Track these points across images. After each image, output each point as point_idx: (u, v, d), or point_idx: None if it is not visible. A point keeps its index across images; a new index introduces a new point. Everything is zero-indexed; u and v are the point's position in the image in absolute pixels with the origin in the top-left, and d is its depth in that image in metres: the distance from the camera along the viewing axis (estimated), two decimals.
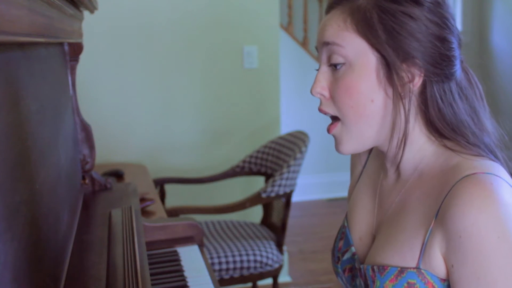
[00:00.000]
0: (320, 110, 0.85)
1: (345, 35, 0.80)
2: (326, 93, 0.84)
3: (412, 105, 0.81)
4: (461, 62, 0.84)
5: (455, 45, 0.81)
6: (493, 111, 0.88)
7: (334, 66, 0.82)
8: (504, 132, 0.86)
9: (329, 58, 0.83)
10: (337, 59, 0.81)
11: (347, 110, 0.81)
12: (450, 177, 0.77)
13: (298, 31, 4.48)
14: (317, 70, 0.86)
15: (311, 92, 0.85)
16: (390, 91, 0.80)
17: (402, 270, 0.79)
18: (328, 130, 0.85)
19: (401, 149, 0.82)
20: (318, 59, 0.87)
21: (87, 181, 1.51)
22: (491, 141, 0.83)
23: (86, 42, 1.55)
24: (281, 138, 2.53)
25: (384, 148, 0.86)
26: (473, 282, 0.72)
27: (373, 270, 0.83)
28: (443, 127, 0.81)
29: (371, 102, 0.80)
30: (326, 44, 0.82)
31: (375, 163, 0.98)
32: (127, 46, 2.61)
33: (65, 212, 1.06)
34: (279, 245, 2.26)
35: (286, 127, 3.55)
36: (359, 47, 0.79)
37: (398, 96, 0.79)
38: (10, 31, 0.57)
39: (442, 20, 0.80)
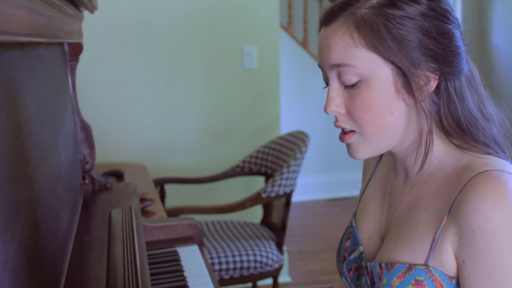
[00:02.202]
0: (336, 126, 0.83)
1: (354, 53, 0.77)
2: (342, 110, 0.81)
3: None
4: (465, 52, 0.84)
5: (459, 38, 0.80)
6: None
7: (349, 86, 0.79)
8: (505, 117, 0.86)
9: (339, 77, 0.80)
10: (351, 79, 0.78)
11: (366, 124, 0.79)
12: (463, 175, 0.77)
13: (298, 31, 4.48)
14: (326, 87, 0.83)
15: (325, 110, 0.81)
16: (408, 99, 0.78)
17: (410, 267, 0.79)
18: (342, 139, 0.83)
19: (427, 154, 0.81)
20: (323, 76, 0.83)
21: (87, 181, 1.51)
22: (497, 132, 0.83)
23: (86, 42, 1.55)
24: (281, 138, 2.53)
25: (402, 151, 0.85)
26: (484, 278, 0.72)
27: (380, 267, 0.83)
28: (451, 127, 0.81)
29: (390, 114, 0.79)
30: (336, 66, 0.79)
31: (386, 164, 0.98)
32: (127, 46, 2.61)
33: (65, 212, 1.06)
34: (279, 245, 2.26)
35: (286, 127, 3.55)
36: (371, 62, 0.77)
37: (419, 102, 0.78)
38: (10, 31, 0.57)
39: (444, 15, 0.78)
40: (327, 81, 0.83)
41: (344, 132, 0.83)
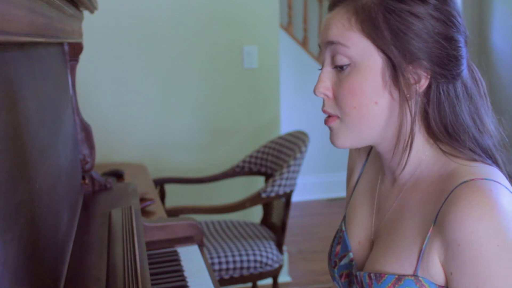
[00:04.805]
0: (323, 111, 0.84)
1: (350, 35, 0.78)
2: (330, 93, 0.82)
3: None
4: (467, 60, 0.83)
5: (462, 43, 0.79)
6: (494, 111, 0.87)
7: (339, 67, 0.80)
8: (504, 134, 0.84)
9: (333, 58, 0.81)
10: (342, 60, 0.79)
11: (350, 111, 0.80)
12: (448, 183, 0.76)
13: (298, 31, 4.48)
14: (320, 69, 0.84)
15: (314, 92, 0.83)
16: (395, 93, 0.78)
17: (399, 278, 0.78)
18: (326, 122, 0.84)
19: (406, 153, 0.80)
20: (320, 57, 0.86)
21: (87, 181, 1.51)
22: (491, 144, 0.82)
23: (86, 42, 1.55)
24: (281, 138, 2.53)
25: (386, 150, 0.85)
26: None
27: (369, 277, 0.82)
28: (439, 130, 0.79)
29: (374, 104, 0.79)
30: (330, 43, 0.80)
31: (373, 166, 0.96)
32: (127, 46, 2.61)
33: (65, 212, 1.06)
34: (279, 245, 2.26)
35: (286, 127, 3.55)
36: (364, 48, 0.78)
37: (404, 98, 0.78)
38: (9, 31, 0.56)
39: (449, 18, 0.78)
40: (323, 64, 0.84)
41: (329, 116, 0.84)
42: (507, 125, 0.86)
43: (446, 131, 0.80)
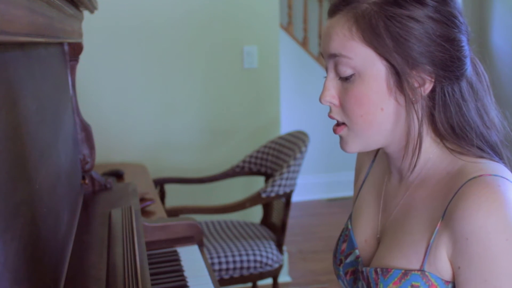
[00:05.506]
0: (330, 116, 0.84)
1: (351, 45, 0.78)
2: (336, 101, 0.82)
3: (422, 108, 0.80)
4: (470, 56, 0.83)
5: (464, 42, 0.80)
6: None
7: (344, 78, 0.80)
8: (509, 128, 0.86)
9: (336, 67, 0.81)
10: (346, 71, 0.79)
11: (356, 119, 0.80)
12: (457, 179, 0.77)
13: (298, 31, 4.48)
14: (325, 77, 0.84)
15: (320, 100, 0.83)
16: (400, 98, 0.78)
17: (406, 272, 0.79)
18: (334, 131, 0.84)
19: (416, 156, 0.81)
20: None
21: (87, 181, 1.51)
22: (498, 139, 0.83)
23: (86, 42, 1.55)
24: (281, 138, 2.53)
25: (396, 151, 0.85)
26: (479, 284, 0.72)
27: (376, 272, 0.83)
28: (446, 132, 0.80)
29: (381, 111, 0.79)
30: (333, 56, 0.80)
31: (380, 166, 0.97)
32: (127, 46, 2.61)
33: (65, 212, 1.06)
34: (279, 245, 2.26)
35: (286, 127, 3.55)
36: (366, 57, 0.78)
37: (410, 103, 0.78)
38: (9, 31, 0.56)
39: (449, 19, 0.78)
40: (327, 71, 0.84)
41: (337, 124, 0.84)
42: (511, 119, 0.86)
43: (453, 131, 0.80)
